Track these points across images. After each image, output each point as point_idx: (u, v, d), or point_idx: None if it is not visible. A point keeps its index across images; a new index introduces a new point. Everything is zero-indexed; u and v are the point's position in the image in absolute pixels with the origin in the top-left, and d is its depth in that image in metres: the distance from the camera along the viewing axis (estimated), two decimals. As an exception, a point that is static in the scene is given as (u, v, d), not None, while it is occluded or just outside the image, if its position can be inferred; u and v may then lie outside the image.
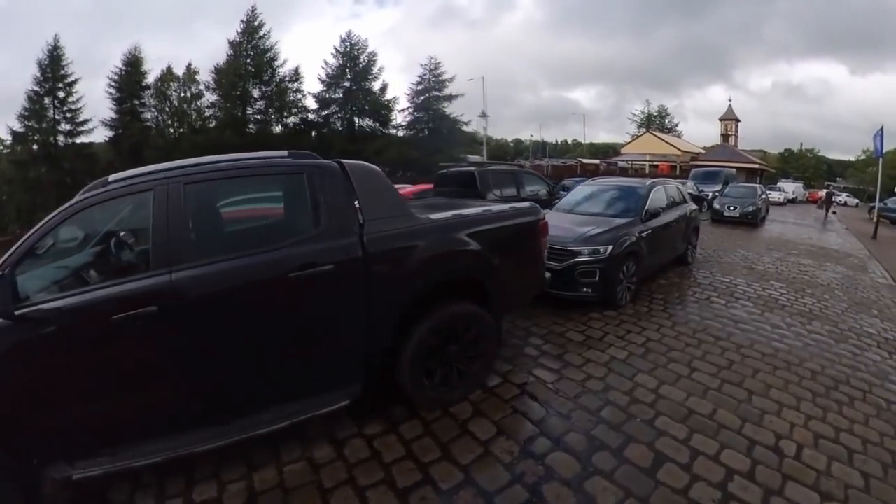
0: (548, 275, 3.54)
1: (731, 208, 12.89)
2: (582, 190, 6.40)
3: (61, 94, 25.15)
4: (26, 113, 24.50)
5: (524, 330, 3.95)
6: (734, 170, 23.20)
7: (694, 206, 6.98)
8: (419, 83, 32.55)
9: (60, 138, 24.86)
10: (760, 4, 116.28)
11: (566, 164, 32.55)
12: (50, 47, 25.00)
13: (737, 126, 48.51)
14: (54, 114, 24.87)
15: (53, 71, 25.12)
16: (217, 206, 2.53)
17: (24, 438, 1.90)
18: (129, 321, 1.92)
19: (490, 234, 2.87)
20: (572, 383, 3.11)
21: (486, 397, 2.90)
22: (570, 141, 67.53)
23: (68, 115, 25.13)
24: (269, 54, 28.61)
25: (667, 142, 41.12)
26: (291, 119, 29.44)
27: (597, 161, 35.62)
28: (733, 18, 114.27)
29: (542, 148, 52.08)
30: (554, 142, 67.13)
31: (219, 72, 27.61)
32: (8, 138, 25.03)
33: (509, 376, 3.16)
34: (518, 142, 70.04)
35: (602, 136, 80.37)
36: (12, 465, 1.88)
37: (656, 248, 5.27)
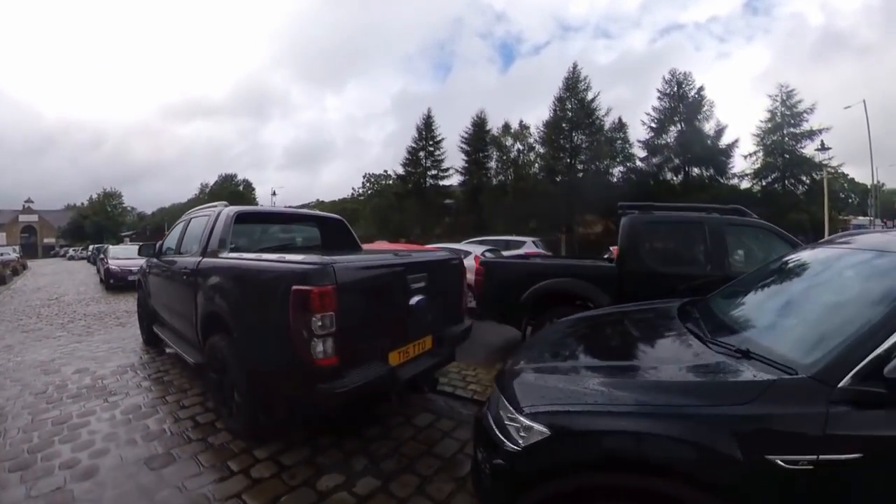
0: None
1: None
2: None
3: (431, 149, 33.41)
4: (406, 161, 33.83)
5: None
6: None
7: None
8: (769, 119, 26.81)
9: (429, 181, 32.55)
10: None
11: None
12: (425, 117, 34.22)
13: None
14: (425, 162, 33.09)
15: (427, 133, 33.76)
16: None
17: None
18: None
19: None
20: None
21: None
22: None
23: (434, 163, 33.04)
24: (592, 105, 29.53)
25: None
26: (619, 168, 28.85)
27: None
28: None
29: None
30: None
31: (546, 125, 30.28)
32: (394, 176, 35.32)
33: None
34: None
35: None
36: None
37: None
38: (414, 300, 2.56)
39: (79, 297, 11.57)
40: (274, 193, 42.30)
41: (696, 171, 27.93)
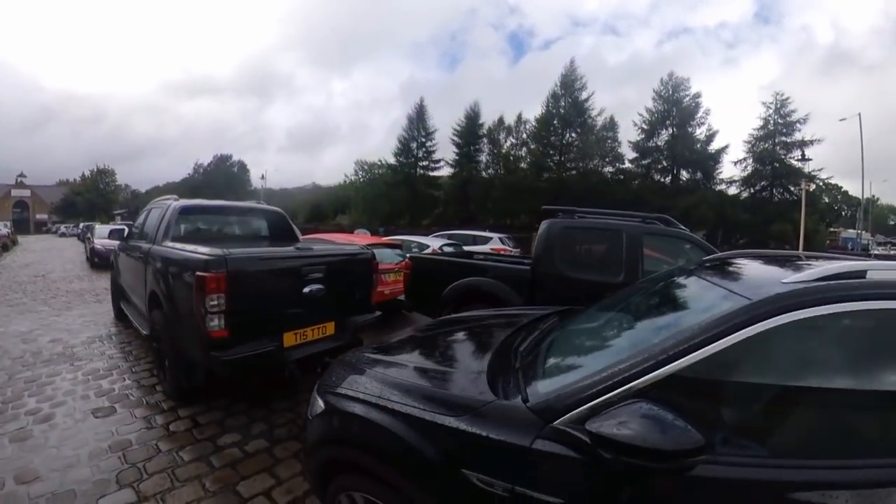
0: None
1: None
2: None
3: (423, 140, 33.88)
4: (398, 151, 34.29)
5: None
6: None
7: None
8: (761, 127, 27.32)
9: (419, 171, 33.13)
10: None
11: None
12: (418, 107, 34.64)
13: None
14: (417, 153, 33.51)
15: (419, 123, 34.13)
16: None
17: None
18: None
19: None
20: None
21: None
22: None
23: (426, 154, 33.63)
24: (586, 104, 29.82)
25: None
26: (608, 169, 29.36)
27: None
28: None
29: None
30: None
31: (538, 121, 30.65)
32: (385, 165, 36.07)
33: None
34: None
35: None
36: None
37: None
38: (307, 289, 3.20)
39: (64, 275, 12.20)
40: (262, 177, 42.65)
41: (684, 174, 28.44)
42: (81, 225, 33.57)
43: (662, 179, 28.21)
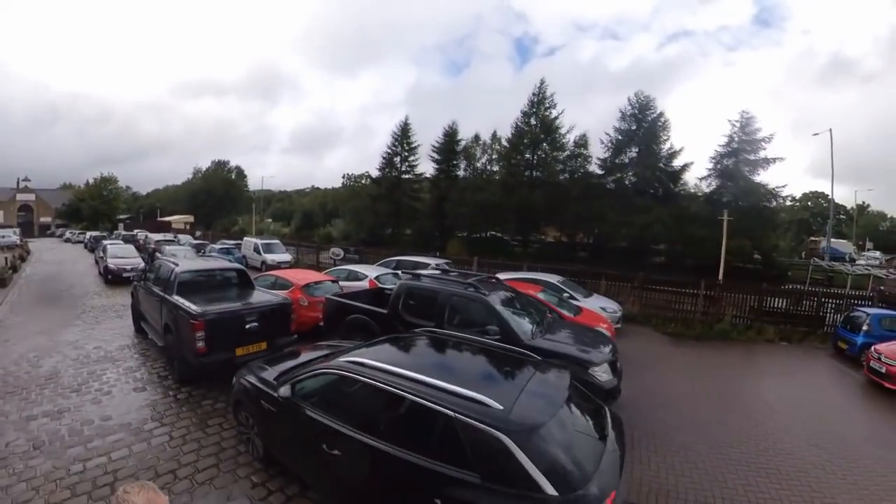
0: None
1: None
2: None
3: (406, 154, 36.46)
4: (383, 164, 36.92)
5: None
6: None
7: None
8: (727, 144, 28.22)
9: (402, 185, 35.79)
10: None
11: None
12: (402, 124, 37.09)
13: None
14: (400, 166, 36.20)
15: (403, 138, 36.75)
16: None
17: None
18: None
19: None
20: None
21: None
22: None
23: (408, 168, 36.26)
24: (556, 122, 32.05)
25: None
26: (575, 186, 30.48)
27: None
28: None
29: None
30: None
31: (508, 141, 33.08)
32: (370, 178, 38.80)
33: None
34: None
35: None
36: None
37: None
38: (248, 325, 6.09)
39: (84, 290, 15.07)
40: (262, 180, 45.34)
41: (649, 190, 29.27)
42: (89, 235, 36.13)
43: (626, 196, 28.99)
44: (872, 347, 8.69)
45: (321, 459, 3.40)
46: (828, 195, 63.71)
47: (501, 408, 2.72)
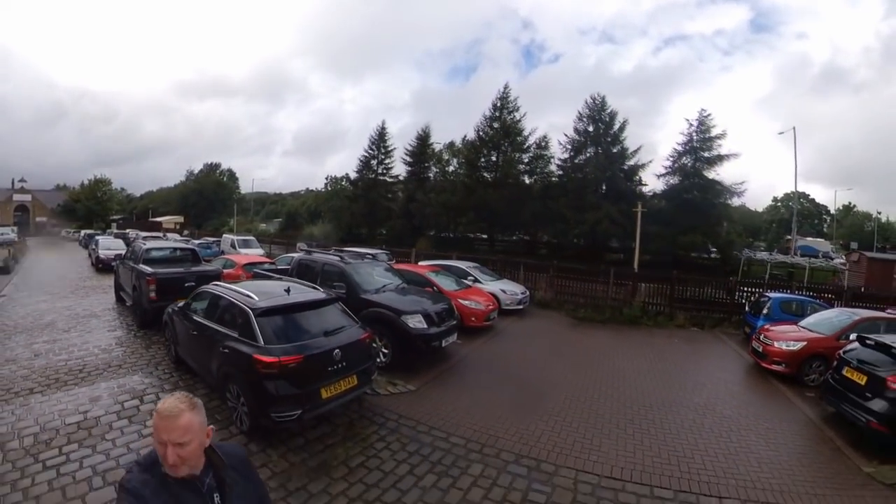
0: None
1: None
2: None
3: (382, 157, 39.32)
4: (360, 167, 39.77)
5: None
6: None
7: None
8: (686, 143, 30.04)
9: (378, 186, 38.55)
10: None
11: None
12: (379, 129, 40.05)
13: None
14: (376, 169, 39.04)
15: (380, 143, 39.60)
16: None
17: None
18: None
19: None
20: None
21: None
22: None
23: (384, 170, 39.18)
24: (518, 125, 33.78)
25: None
26: (536, 185, 33.08)
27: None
28: None
29: None
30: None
31: (470, 144, 35.52)
32: (348, 180, 41.74)
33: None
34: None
35: None
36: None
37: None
38: (186, 284, 8.84)
39: (79, 275, 17.92)
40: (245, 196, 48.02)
41: (606, 189, 31.17)
42: (83, 233, 39.19)
43: (583, 196, 30.40)
44: (760, 328, 9.12)
45: (189, 337, 6.15)
46: (810, 195, 66.33)
47: (256, 300, 5.38)
